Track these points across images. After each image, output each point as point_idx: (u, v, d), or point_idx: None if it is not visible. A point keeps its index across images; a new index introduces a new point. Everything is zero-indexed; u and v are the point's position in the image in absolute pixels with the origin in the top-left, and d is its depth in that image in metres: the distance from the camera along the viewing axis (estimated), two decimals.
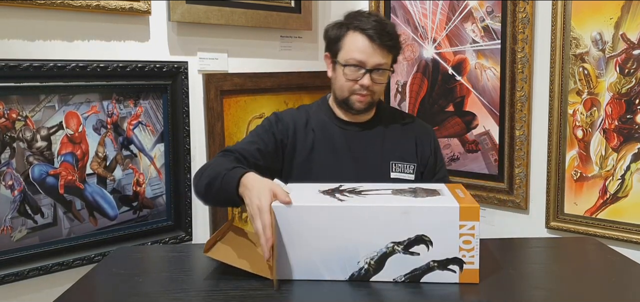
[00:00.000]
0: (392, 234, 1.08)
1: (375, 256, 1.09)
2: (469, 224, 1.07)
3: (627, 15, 1.68)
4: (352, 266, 1.11)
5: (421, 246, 1.09)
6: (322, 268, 1.12)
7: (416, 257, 1.09)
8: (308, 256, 1.11)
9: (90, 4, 1.67)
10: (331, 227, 1.09)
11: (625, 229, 1.74)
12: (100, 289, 1.20)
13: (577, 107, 1.80)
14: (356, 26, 1.46)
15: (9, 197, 1.59)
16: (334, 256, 1.11)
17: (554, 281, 1.18)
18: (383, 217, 1.08)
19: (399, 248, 1.08)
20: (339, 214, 1.09)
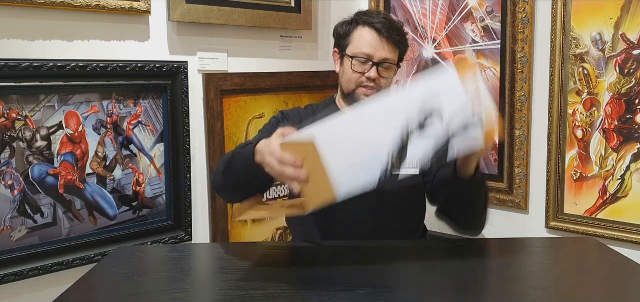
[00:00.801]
0: (405, 124, 1.09)
1: (396, 149, 1.10)
2: (470, 82, 1.08)
3: (627, 16, 1.68)
4: (378, 167, 1.10)
5: (434, 121, 1.09)
6: (353, 180, 1.10)
7: (433, 134, 1.09)
8: (338, 173, 1.10)
9: (90, 4, 1.67)
10: (350, 137, 1.10)
11: (625, 229, 1.74)
12: (100, 289, 1.20)
13: (577, 107, 1.80)
14: (365, 21, 1.51)
15: (9, 196, 1.59)
16: (359, 165, 1.10)
17: (554, 281, 1.18)
18: (393, 109, 1.11)
19: (414, 129, 1.09)
20: (355, 120, 1.11)
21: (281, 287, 1.13)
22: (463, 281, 1.19)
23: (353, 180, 1.11)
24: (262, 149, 1.16)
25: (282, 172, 1.08)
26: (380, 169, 1.10)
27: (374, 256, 1.33)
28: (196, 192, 2.02)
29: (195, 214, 2.01)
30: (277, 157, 1.09)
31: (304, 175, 1.07)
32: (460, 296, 1.11)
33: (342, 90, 1.57)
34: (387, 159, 1.10)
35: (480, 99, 1.09)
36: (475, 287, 1.17)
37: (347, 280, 1.15)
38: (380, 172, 1.11)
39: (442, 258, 1.29)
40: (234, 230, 2.14)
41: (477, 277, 1.23)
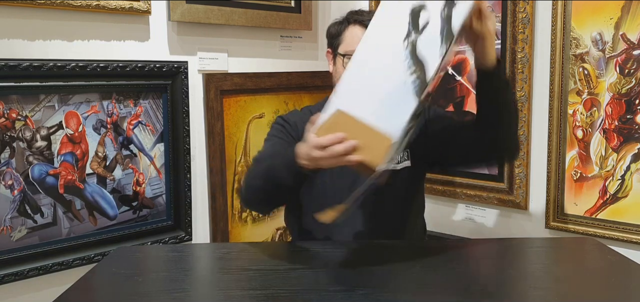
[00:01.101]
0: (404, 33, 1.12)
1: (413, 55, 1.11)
2: None
3: (627, 16, 1.68)
4: (408, 84, 1.11)
5: (427, 13, 1.12)
6: (395, 111, 1.11)
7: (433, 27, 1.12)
8: (378, 117, 1.10)
9: (90, 4, 1.67)
10: (366, 81, 1.12)
11: (625, 229, 1.74)
12: (100, 289, 1.20)
13: (577, 107, 1.80)
14: (356, 20, 1.52)
15: (9, 196, 1.59)
16: (390, 95, 1.11)
17: (554, 281, 1.18)
18: (385, 32, 1.14)
19: (413, 32, 1.12)
20: (359, 65, 1.14)
21: (281, 287, 1.13)
22: (463, 281, 1.19)
23: (395, 112, 1.10)
24: (303, 151, 1.18)
25: (333, 154, 1.10)
26: (412, 85, 1.11)
27: (374, 256, 1.33)
28: (196, 192, 2.02)
29: (195, 214, 2.01)
30: (321, 145, 1.10)
31: (352, 142, 1.08)
32: (461, 296, 1.11)
33: None
34: (413, 71, 1.11)
35: None
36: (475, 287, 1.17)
37: (347, 280, 1.16)
38: (414, 87, 1.11)
39: (442, 258, 1.29)
40: (234, 230, 2.14)
41: (477, 277, 1.23)
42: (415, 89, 1.10)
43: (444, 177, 2.15)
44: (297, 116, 1.60)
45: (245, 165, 2.16)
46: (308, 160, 1.17)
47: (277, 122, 1.60)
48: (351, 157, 1.09)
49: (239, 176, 2.14)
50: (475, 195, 2.07)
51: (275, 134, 1.55)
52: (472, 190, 2.08)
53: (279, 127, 1.57)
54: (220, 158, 2.05)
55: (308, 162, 1.18)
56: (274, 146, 1.50)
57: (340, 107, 1.11)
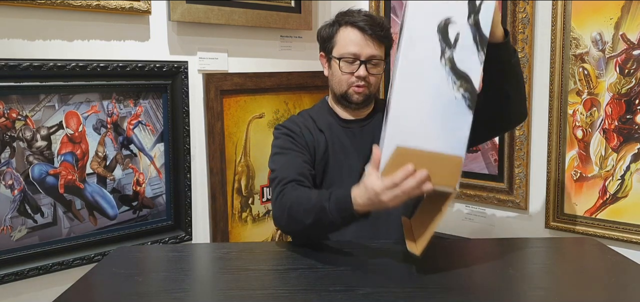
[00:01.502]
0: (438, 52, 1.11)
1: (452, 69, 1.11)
2: None
3: (627, 16, 1.68)
4: (457, 98, 1.11)
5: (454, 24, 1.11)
6: (455, 130, 1.11)
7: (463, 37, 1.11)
8: (439, 141, 1.11)
9: (90, 4, 1.67)
10: (413, 111, 1.11)
11: (625, 230, 1.74)
12: (100, 288, 1.20)
13: (577, 107, 1.80)
14: (347, 21, 1.51)
15: (9, 196, 1.59)
16: (444, 116, 1.11)
17: (554, 281, 1.18)
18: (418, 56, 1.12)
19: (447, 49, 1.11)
20: (403, 95, 1.11)
21: (281, 287, 1.13)
22: (463, 280, 1.19)
23: (454, 130, 1.10)
24: (364, 197, 1.16)
25: (406, 191, 1.09)
26: (463, 99, 1.10)
27: (374, 256, 1.33)
28: (196, 192, 2.02)
29: (195, 214, 2.01)
30: (393, 185, 1.09)
31: (424, 172, 1.08)
32: (461, 296, 1.11)
33: (334, 92, 1.57)
34: (459, 85, 1.10)
35: None
36: (476, 287, 1.17)
37: (347, 280, 1.16)
38: (465, 100, 1.10)
39: (442, 258, 1.29)
40: (234, 230, 2.14)
41: (477, 277, 1.23)
42: (467, 102, 1.10)
43: None
44: (299, 122, 1.57)
45: (245, 165, 2.16)
46: (374, 205, 1.15)
47: (282, 132, 1.55)
48: (425, 188, 1.09)
49: (239, 175, 2.14)
50: (475, 195, 2.07)
51: (287, 147, 1.50)
52: (472, 190, 2.08)
53: (287, 138, 1.53)
54: (220, 158, 2.05)
55: (373, 207, 1.16)
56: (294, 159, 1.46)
57: (399, 144, 1.10)
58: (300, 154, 1.49)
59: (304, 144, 1.51)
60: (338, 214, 1.22)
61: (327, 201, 1.24)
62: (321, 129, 1.55)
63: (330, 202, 1.23)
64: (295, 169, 1.43)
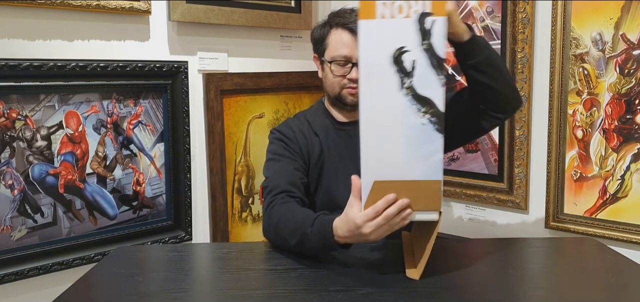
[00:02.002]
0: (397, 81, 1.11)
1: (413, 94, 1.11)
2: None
3: (627, 16, 1.68)
4: (427, 125, 1.11)
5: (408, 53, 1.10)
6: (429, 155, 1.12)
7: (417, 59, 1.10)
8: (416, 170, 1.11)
9: (90, 4, 1.67)
10: (385, 144, 1.12)
11: (625, 230, 1.74)
12: (99, 288, 1.20)
13: (577, 107, 1.80)
14: (338, 23, 1.49)
15: (9, 196, 1.59)
16: (415, 142, 1.11)
17: (554, 281, 1.18)
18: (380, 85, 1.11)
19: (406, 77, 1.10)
20: (369, 129, 1.12)
21: (281, 287, 1.13)
22: (463, 280, 1.19)
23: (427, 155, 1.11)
24: (345, 230, 1.15)
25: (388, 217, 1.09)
26: (430, 124, 1.10)
27: (374, 256, 1.33)
28: (196, 192, 2.02)
29: (195, 214, 2.01)
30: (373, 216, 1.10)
31: (403, 200, 1.09)
32: (461, 296, 1.11)
33: (328, 95, 1.56)
34: (424, 111, 1.10)
35: None
36: (476, 287, 1.17)
37: (347, 280, 1.16)
38: (433, 124, 1.10)
39: (442, 258, 1.29)
40: (234, 230, 2.14)
41: (477, 277, 1.23)
42: (435, 127, 1.10)
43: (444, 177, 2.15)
44: (294, 126, 1.57)
45: (245, 165, 2.16)
46: (355, 237, 1.14)
47: (276, 137, 1.55)
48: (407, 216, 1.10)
49: (239, 175, 2.14)
50: (475, 195, 2.07)
51: (280, 153, 1.50)
52: (472, 190, 2.08)
53: (281, 143, 1.52)
54: (220, 158, 2.05)
55: (354, 240, 1.15)
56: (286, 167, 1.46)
57: (376, 179, 1.10)
58: (293, 160, 1.48)
59: (298, 149, 1.51)
60: (319, 241, 1.22)
61: (310, 226, 1.23)
62: (316, 133, 1.54)
63: (313, 228, 1.23)
64: (286, 178, 1.42)
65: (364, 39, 1.10)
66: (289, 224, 1.29)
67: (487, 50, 1.30)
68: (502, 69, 1.35)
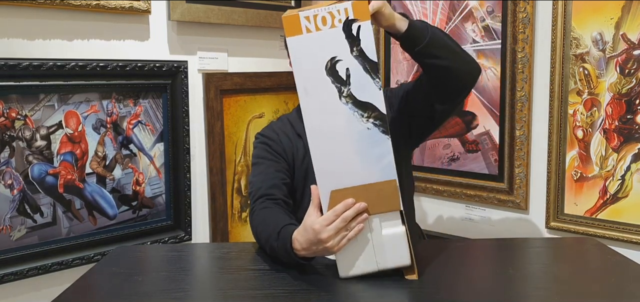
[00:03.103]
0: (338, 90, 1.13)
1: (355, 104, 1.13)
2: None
3: (627, 16, 1.68)
4: (376, 134, 1.12)
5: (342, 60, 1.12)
6: (380, 158, 1.13)
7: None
8: (368, 171, 1.13)
9: (90, 3, 1.67)
10: (338, 151, 1.13)
11: (625, 230, 1.74)
12: (99, 288, 1.20)
13: (577, 107, 1.80)
14: None
15: (8, 196, 1.59)
16: (368, 146, 1.12)
17: (554, 281, 1.18)
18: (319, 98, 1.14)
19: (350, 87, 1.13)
20: (318, 139, 1.14)
21: (281, 287, 1.13)
22: (463, 280, 1.19)
23: (379, 157, 1.12)
24: (304, 240, 1.15)
25: (346, 219, 1.10)
26: (375, 127, 1.12)
27: None
28: (196, 192, 2.02)
29: (194, 214, 2.01)
30: (334, 217, 1.10)
31: (361, 204, 1.11)
32: (461, 296, 1.11)
33: None
34: (367, 116, 1.12)
35: None
36: (476, 287, 1.17)
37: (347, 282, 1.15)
38: (378, 127, 1.12)
39: (442, 258, 1.29)
40: (234, 230, 2.14)
41: (477, 277, 1.23)
42: (381, 129, 1.12)
43: (444, 177, 2.15)
44: (277, 128, 1.56)
45: (244, 165, 2.16)
46: (314, 244, 1.13)
47: (259, 141, 1.54)
48: (363, 217, 1.11)
49: (239, 175, 2.14)
50: (475, 195, 2.07)
51: (262, 156, 1.50)
52: (472, 190, 2.08)
53: (264, 146, 1.52)
54: (220, 158, 2.05)
55: (313, 250, 1.14)
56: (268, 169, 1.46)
57: (332, 188, 1.12)
58: (275, 162, 1.47)
59: (282, 150, 1.50)
60: (283, 255, 1.21)
61: (275, 240, 1.23)
62: (299, 134, 1.53)
63: (278, 241, 1.22)
64: (267, 181, 1.42)
65: (295, 55, 1.11)
66: (263, 233, 1.30)
67: (429, 31, 1.27)
68: (450, 45, 1.32)
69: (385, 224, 1.14)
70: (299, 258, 1.17)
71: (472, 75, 1.37)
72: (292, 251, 1.17)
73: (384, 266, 1.15)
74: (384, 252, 1.14)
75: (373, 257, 1.14)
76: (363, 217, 1.12)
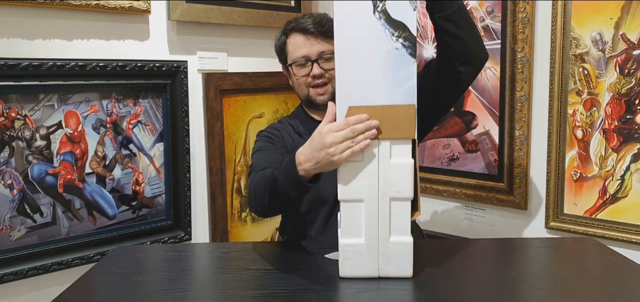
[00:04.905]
0: None
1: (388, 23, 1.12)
2: None
3: (627, 16, 1.68)
4: (400, 53, 1.11)
5: None
6: (404, 81, 1.12)
7: None
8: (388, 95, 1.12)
9: (89, 3, 1.67)
10: (360, 70, 1.12)
11: (625, 230, 1.74)
12: (99, 288, 1.20)
13: (576, 107, 1.80)
14: (292, 28, 1.53)
15: (8, 196, 1.59)
16: (391, 68, 1.11)
17: (554, 281, 1.18)
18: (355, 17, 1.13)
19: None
20: (346, 54, 1.12)
21: (281, 287, 1.13)
22: (463, 280, 1.19)
23: (401, 80, 1.11)
24: (312, 145, 1.14)
25: (355, 139, 1.09)
26: (403, 48, 1.10)
27: None
28: (196, 192, 2.02)
29: (194, 214, 2.01)
30: (345, 125, 1.09)
31: (374, 121, 1.10)
32: (461, 296, 1.11)
33: (300, 99, 1.60)
34: (397, 35, 1.11)
35: None
36: (476, 287, 1.17)
37: (346, 281, 1.15)
38: (406, 48, 1.10)
39: (442, 258, 1.29)
40: (234, 230, 2.14)
41: (477, 277, 1.23)
42: (409, 51, 1.11)
43: (444, 177, 2.15)
44: (279, 127, 1.60)
45: (244, 165, 2.16)
46: (316, 152, 1.13)
47: (261, 136, 1.57)
48: (371, 133, 1.09)
49: (239, 175, 2.14)
50: (475, 195, 2.07)
51: (264, 146, 1.52)
52: (471, 190, 2.08)
53: (266, 138, 1.55)
54: (219, 158, 2.05)
55: (317, 160, 1.14)
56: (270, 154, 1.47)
57: (350, 104, 1.11)
58: (277, 150, 1.50)
59: (283, 144, 1.53)
60: (286, 180, 1.21)
61: (277, 170, 1.24)
62: (300, 133, 1.56)
63: (280, 170, 1.23)
64: (269, 161, 1.43)
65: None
66: (261, 182, 1.31)
67: (457, 2, 1.31)
68: (470, 20, 1.36)
69: (396, 150, 1.12)
70: (302, 178, 1.17)
71: (481, 59, 1.40)
72: (294, 166, 1.17)
73: (385, 274, 1.15)
74: (388, 260, 1.14)
75: (376, 263, 1.14)
76: (371, 133, 1.10)
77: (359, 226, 1.14)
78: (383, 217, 1.13)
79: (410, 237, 1.14)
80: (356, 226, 1.14)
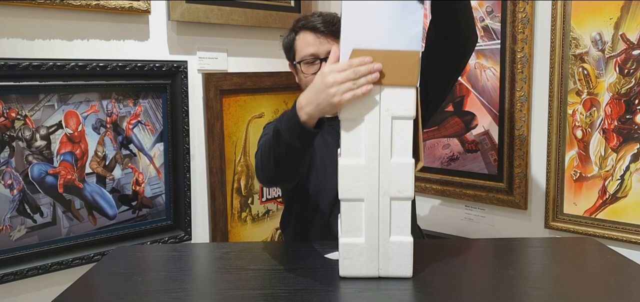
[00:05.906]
0: None
1: None
2: None
3: (626, 16, 1.68)
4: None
5: None
6: (408, 26, 1.10)
7: None
8: (393, 40, 1.10)
9: (90, 3, 1.67)
10: (366, 16, 1.10)
11: (625, 229, 1.74)
12: (99, 288, 1.20)
13: (576, 107, 1.80)
14: (302, 26, 1.53)
15: (8, 196, 1.59)
16: (395, 14, 1.10)
17: (554, 281, 1.18)
18: None
19: None
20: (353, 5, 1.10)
21: (281, 287, 1.13)
22: (463, 280, 1.19)
23: (407, 26, 1.09)
24: (314, 86, 1.13)
25: (356, 81, 1.08)
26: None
27: None
28: (196, 192, 2.02)
29: (194, 214, 2.01)
30: (348, 66, 1.08)
31: (377, 64, 1.09)
32: (461, 296, 1.11)
33: None
34: None
35: None
36: (475, 287, 1.17)
37: (346, 281, 1.15)
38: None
39: (442, 258, 1.29)
40: (234, 230, 2.14)
41: (477, 277, 1.23)
42: None
43: (444, 177, 2.15)
44: None
45: (244, 164, 2.16)
46: (317, 96, 1.12)
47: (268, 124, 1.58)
48: (374, 77, 1.08)
49: (239, 175, 2.14)
50: (475, 195, 2.07)
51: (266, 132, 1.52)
52: (471, 190, 2.08)
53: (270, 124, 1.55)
54: (219, 158, 2.05)
55: (317, 101, 1.13)
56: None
57: (354, 47, 1.10)
58: None
59: None
60: (289, 129, 1.20)
61: (279, 122, 1.24)
62: None
63: (282, 121, 1.22)
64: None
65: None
66: (266, 142, 1.30)
67: None
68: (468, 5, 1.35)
69: (398, 98, 1.11)
70: (304, 123, 1.16)
71: (471, 41, 1.39)
72: (296, 112, 1.16)
73: (385, 274, 1.15)
74: (388, 260, 1.14)
75: (376, 263, 1.14)
76: (374, 77, 1.09)
77: (359, 225, 1.14)
78: (383, 217, 1.13)
79: (411, 237, 1.14)
80: (356, 225, 1.14)
